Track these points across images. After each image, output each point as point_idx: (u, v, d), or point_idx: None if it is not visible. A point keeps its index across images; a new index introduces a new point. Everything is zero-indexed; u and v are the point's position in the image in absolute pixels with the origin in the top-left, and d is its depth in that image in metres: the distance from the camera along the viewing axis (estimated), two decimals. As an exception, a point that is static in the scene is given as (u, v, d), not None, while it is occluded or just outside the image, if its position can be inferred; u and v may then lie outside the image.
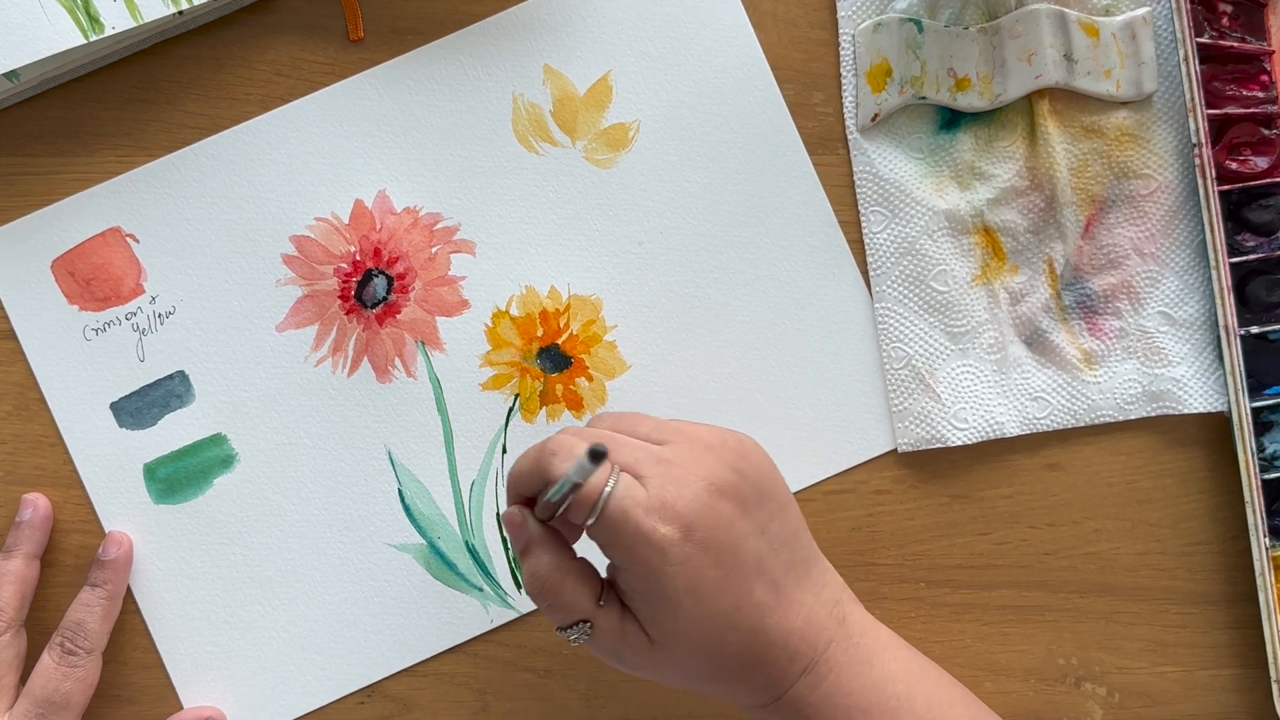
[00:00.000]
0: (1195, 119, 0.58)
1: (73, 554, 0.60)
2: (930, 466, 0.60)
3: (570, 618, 0.49)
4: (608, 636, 0.49)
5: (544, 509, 0.49)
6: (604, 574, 0.51)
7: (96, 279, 0.60)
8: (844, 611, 0.51)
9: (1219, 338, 0.59)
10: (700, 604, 0.47)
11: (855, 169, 0.60)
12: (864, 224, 0.60)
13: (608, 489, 0.46)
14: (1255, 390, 0.59)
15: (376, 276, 0.60)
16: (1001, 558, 0.60)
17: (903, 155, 0.60)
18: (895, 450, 0.60)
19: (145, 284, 0.60)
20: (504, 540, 0.60)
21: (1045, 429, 0.60)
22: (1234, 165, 0.59)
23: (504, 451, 0.60)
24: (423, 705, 0.60)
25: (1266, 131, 0.59)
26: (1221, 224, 0.58)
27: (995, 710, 0.54)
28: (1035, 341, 0.60)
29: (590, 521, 0.47)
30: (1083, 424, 0.60)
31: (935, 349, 0.60)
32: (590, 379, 0.60)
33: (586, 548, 0.50)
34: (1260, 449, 0.59)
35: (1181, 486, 0.60)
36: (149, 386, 0.60)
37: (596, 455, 0.42)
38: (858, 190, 0.60)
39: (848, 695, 0.50)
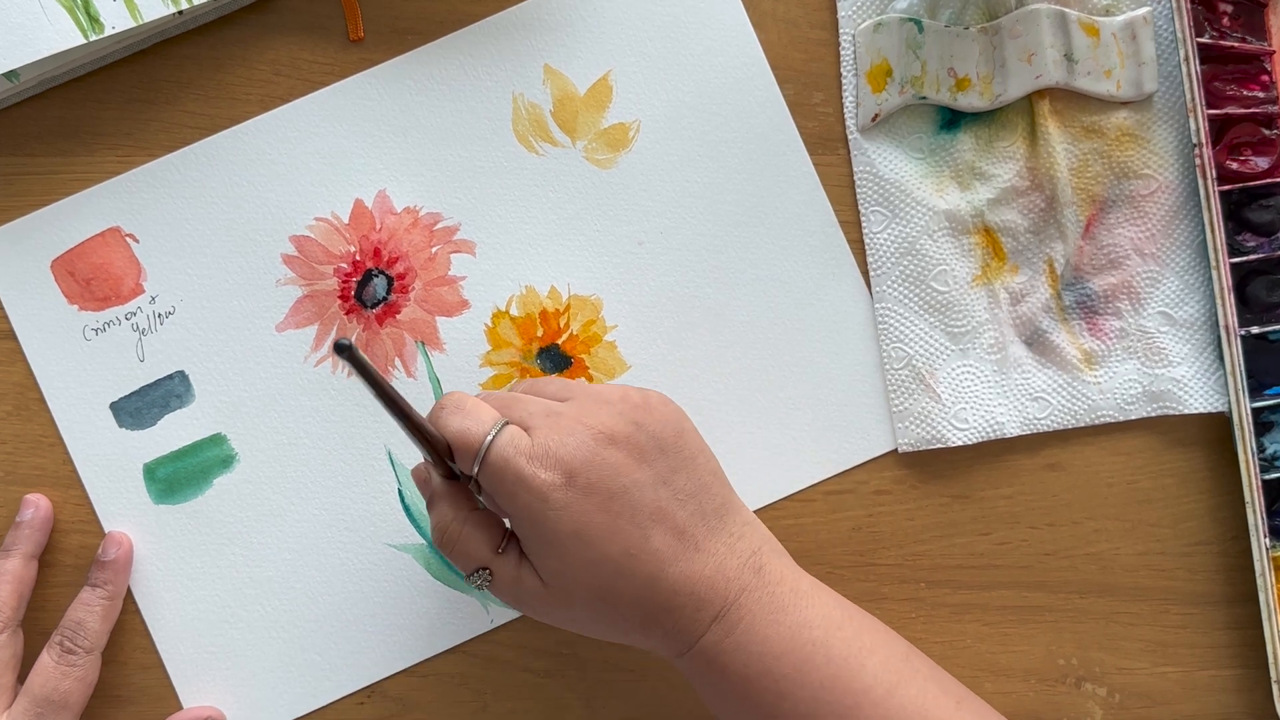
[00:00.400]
0: (1195, 119, 0.58)
1: (72, 554, 0.60)
2: (930, 466, 0.60)
3: (471, 565, 0.51)
4: (506, 582, 0.51)
5: (437, 464, 0.51)
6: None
7: (96, 279, 0.60)
8: (761, 561, 0.51)
9: (1219, 338, 0.59)
10: (587, 548, 0.48)
11: (855, 169, 0.60)
12: (864, 224, 0.60)
13: (489, 438, 0.49)
14: (1255, 390, 0.59)
15: (376, 276, 0.60)
16: (1002, 558, 0.60)
17: (903, 155, 0.60)
18: (895, 450, 0.60)
19: (145, 284, 0.60)
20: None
21: (1045, 429, 0.60)
22: (1234, 165, 0.59)
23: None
24: (423, 705, 0.60)
25: (1267, 131, 0.59)
26: (1222, 224, 0.58)
27: (996, 710, 0.54)
28: (1035, 341, 0.60)
29: (475, 470, 0.49)
30: (1083, 424, 0.60)
31: (935, 349, 0.60)
32: (590, 379, 0.60)
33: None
34: (1260, 449, 0.59)
35: (1181, 486, 0.60)
36: (149, 386, 0.60)
37: (340, 348, 0.43)
38: (858, 190, 0.60)
39: (760, 642, 0.50)
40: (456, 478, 0.52)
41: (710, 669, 0.50)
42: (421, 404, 0.60)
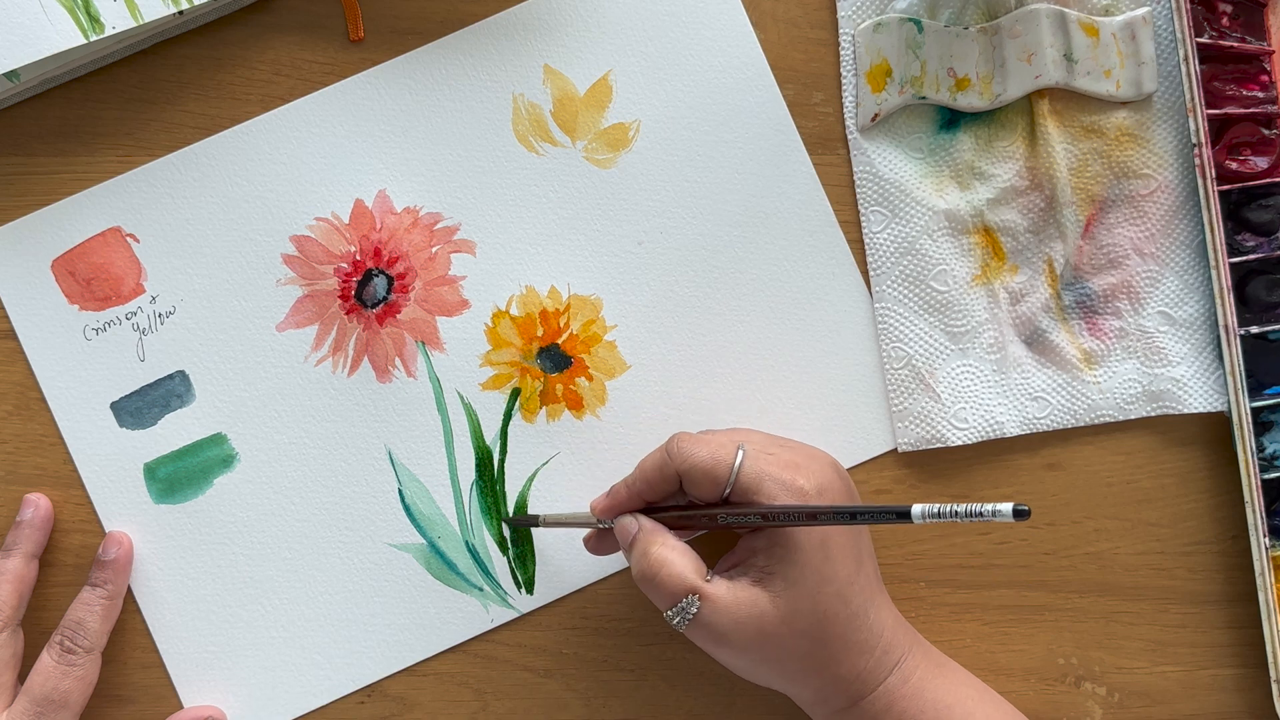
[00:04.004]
0: (1195, 119, 0.58)
1: (73, 554, 0.60)
2: (930, 466, 0.60)
3: (678, 591, 0.51)
4: (720, 604, 0.51)
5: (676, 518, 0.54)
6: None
7: (97, 279, 0.60)
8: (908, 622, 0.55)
9: (1219, 338, 0.59)
10: (827, 563, 0.50)
11: (855, 169, 0.60)
12: (864, 224, 0.60)
13: (738, 461, 0.51)
14: (1255, 390, 0.59)
15: (377, 276, 0.60)
16: (1001, 557, 0.60)
17: (903, 155, 0.60)
18: (895, 450, 0.60)
19: (145, 283, 0.60)
20: (502, 540, 0.60)
21: (1045, 429, 0.60)
22: (1234, 165, 0.59)
23: (504, 451, 0.60)
24: (423, 705, 0.60)
25: (1266, 131, 0.59)
26: (1221, 224, 0.58)
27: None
28: (1035, 341, 0.60)
29: (728, 491, 0.51)
30: (1083, 424, 0.60)
31: (935, 349, 0.60)
32: (590, 379, 0.60)
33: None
34: (1260, 449, 0.59)
35: (1181, 486, 0.60)
36: (149, 386, 0.60)
37: (1020, 513, 0.44)
38: (858, 190, 0.60)
39: (933, 692, 0.53)
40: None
41: (887, 716, 0.52)
42: (422, 403, 0.60)
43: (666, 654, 0.60)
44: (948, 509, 0.46)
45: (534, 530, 0.60)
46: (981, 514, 0.45)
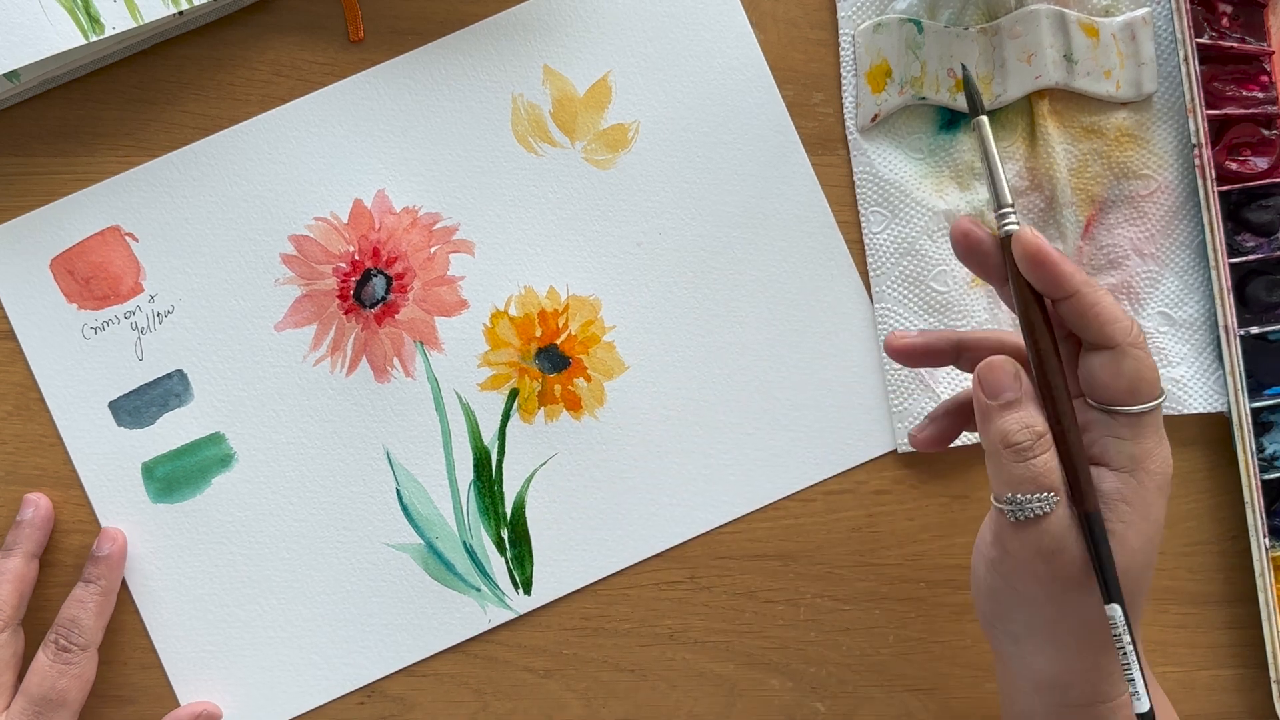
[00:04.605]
0: (1195, 119, 0.58)
1: (73, 554, 0.60)
2: (930, 466, 0.60)
3: (1044, 484, 0.45)
4: (1066, 520, 0.45)
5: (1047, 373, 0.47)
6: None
7: (95, 278, 0.60)
8: None
9: (1219, 338, 0.59)
10: (1158, 527, 0.46)
11: (855, 169, 0.60)
12: (864, 224, 0.60)
13: (1164, 395, 0.46)
14: (1255, 390, 0.59)
15: (375, 276, 0.60)
16: (1001, 558, 0.60)
17: (903, 156, 0.60)
18: (895, 450, 0.60)
19: (144, 283, 0.60)
20: (500, 541, 0.60)
21: (1045, 429, 0.60)
22: (1234, 165, 0.59)
23: (501, 452, 0.60)
24: (423, 705, 0.60)
25: (1266, 132, 0.59)
26: (1221, 224, 0.58)
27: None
28: (1035, 342, 0.60)
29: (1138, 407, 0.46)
30: (1082, 424, 0.60)
31: (935, 349, 0.60)
32: (589, 379, 0.60)
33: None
34: (1260, 449, 0.59)
35: (1181, 486, 0.60)
36: (147, 385, 0.60)
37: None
38: (858, 191, 0.60)
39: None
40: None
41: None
42: (420, 404, 0.60)
43: (666, 654, 0.60)
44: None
45: (532, 530, 0.60)
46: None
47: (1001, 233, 0.47)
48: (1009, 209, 0.47)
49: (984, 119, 0.47)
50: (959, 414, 0.55)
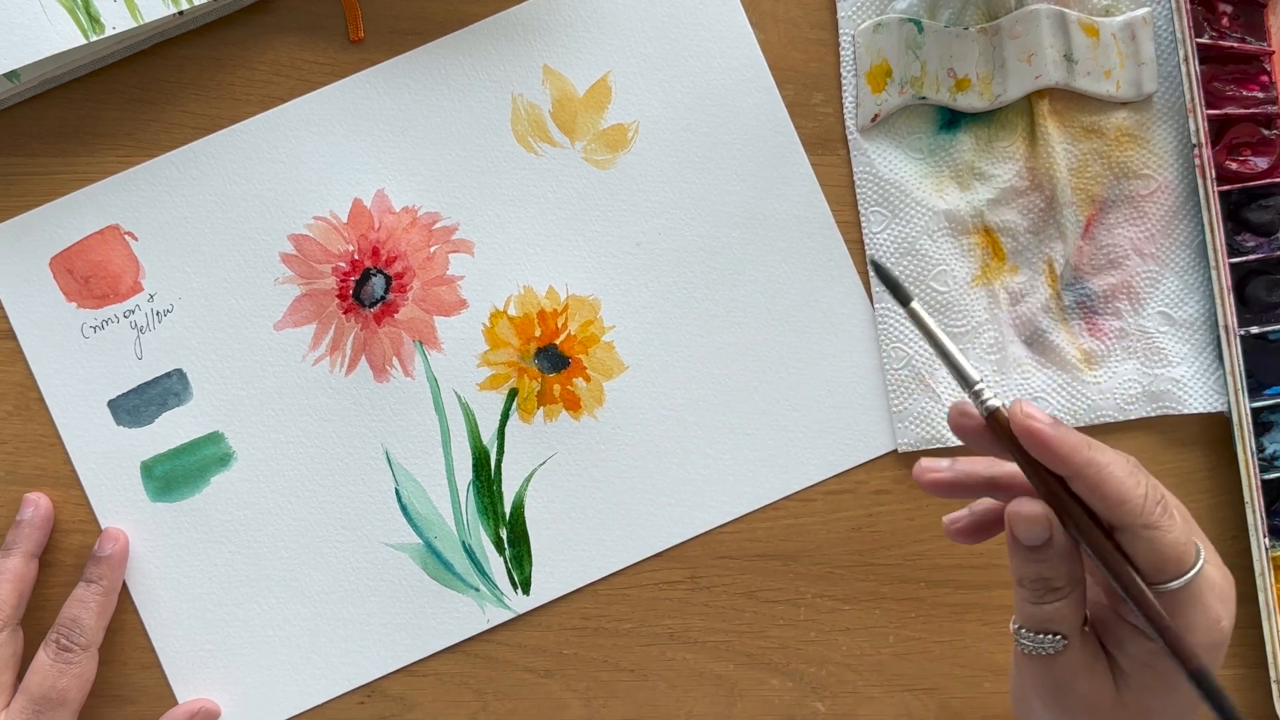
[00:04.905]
0: (1195, 119, 0.58)
1: (73, 554, 0.60)
2: (929, 467, 0.60)
3: (1053, 628, 0.45)
4: (1071, 665, 0.45)
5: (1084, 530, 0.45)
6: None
7: (95, 276, 0.60)
8: None
9: (1219, 338, 0.59)
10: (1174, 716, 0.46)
11: (855, 169, 0.60)
12: (864, 224, 0.60)
13: (1198, 565, 0.44)
14: (1255, 390, 0.59)
15: (375, 276, 0.60)
16: (1001, 558, 0.60)
17: (903, 155, 0.60)
18: (895, 450, 0.60)
19: (144, 282, 0.60)
20: (499, 541, 0.60)
21: (1045, 429, 0.60)
22: (1234, 165, 0.59)
23: (500, 452, 0.60)
24: (423, 705, 0.60)
25: (1266, 132, 0.59)
26: (1221, 224, 0.58)
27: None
28: (1035, 342, 0.60)
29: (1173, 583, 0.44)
30: (1083, 424, 0.60)
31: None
32: (588, 379, 0.60)
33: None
34: (1260, 449, 0.59)
35: (1181, 486, 0.60)
36: (147, 384, 0.60)
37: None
38: (858, 191, 0.60)
39: None
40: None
41: None
42: (419, 403, 0.60)
43: (666, 654, 0.60)
44: None
45: (531, 530, 0.60)
46: None
47: (983, 411, 0.45)
48: (979, 384, 0.45)
49: (916, 305, 0.45)
50: (998, 520, 0.51)
